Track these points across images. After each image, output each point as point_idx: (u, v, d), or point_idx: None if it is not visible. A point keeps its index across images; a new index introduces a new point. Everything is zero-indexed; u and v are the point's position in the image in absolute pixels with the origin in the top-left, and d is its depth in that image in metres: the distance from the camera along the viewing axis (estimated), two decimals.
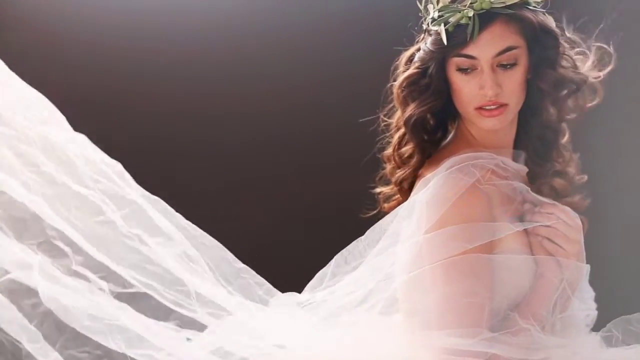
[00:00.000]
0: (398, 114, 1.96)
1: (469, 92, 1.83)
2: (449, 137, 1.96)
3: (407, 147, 1.97)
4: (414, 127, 1.91)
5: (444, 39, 1.81)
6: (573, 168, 2.02)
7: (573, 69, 1.88)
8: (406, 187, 1.98)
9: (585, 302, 1.92)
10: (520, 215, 1.85)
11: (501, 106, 1.82)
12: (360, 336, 1.87)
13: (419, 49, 1.89)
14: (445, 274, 1.76)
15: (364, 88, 2.11)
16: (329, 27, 2.96)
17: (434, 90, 1.87)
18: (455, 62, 1.83)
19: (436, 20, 1.83)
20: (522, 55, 1.82)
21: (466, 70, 1.83)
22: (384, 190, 2.06)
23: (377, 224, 1.90)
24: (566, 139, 1.99)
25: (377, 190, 2.07)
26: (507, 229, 1.80)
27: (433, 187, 1.81)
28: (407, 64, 1.92)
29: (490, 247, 1.78)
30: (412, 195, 1.87)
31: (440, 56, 1.84)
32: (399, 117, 1.96)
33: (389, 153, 2.02)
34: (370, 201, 2.09)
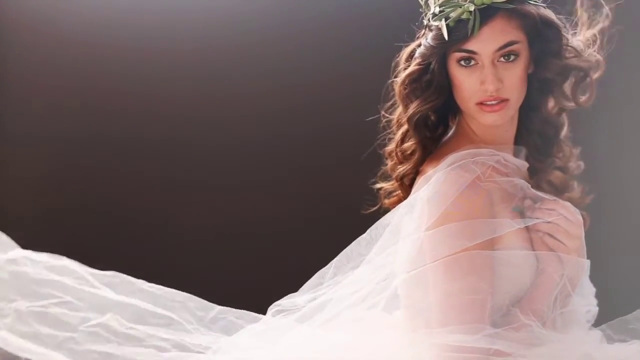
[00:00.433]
0: (399, 110, 1.96)
1: (470, 88, 1.82)
2: (450, 133, 1.96)
3: (409, 144, 1.96)
4: (417, 125, 1.91)
5: (445, 34, 1.81)
6: (574, 163, 2.02)
7: (577, 57, 1.88)
8: (407, 183, 1.97)
9: (585, 297, 1.92)
10: (521, 211, 1.84)
11: (502, 101, 1.82)
12: (363, 334, 1.87)
13: (420, 45, 1.89)
14: (447, 271, 1.76)
15: (365, 85, 2.11)
16: (329, 24, 2.96)
17: (437, 87, 1.87)
18: (456, 57, 1.83)
19: (437, 16, 1.83)
20: (523, 50, 1.82)
21: (467, 65, 1.82)
22: (384, 186, 2.06)
23: (378, 222, 1.89)
24: (564, 133, 1.99)
25: (378, 186, 2.07)
26: (508, 226, 1.80)
27: (434, 184, 1.81)
28: (408, 60, 1.92)
29: (491, 243, 1.78)
30: (413, 192, 1.87)
31: (441, 51, 1.84)
32: (400, 114, 1.96)
33: (390, 149, 2.01)
34: (371, 197, 2.09)
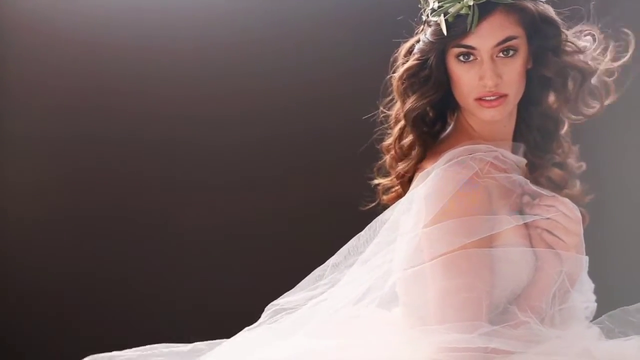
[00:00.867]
0: (397, 106, 1.96)
1: (469, 83, 1.82)
2: (448, 129, 1.95)
3: (408, 139, 1.96)
4: (415, 120, 1.90)
5: (444, 29, 1.80)
6: (573, 159, 2.02)
7: (578, 56, 1.87)
8: (407, 180, 1.97)
9: (584, 294, 1.91)
10: (519, 208, 1.84)
11: (501, 97, 1.82)
12: (360, 331, 1.86)
13: (419, 41, 1.89)
14: (445, 268, 1.76)
15: (364, 81, 2.11)
16: (327, 21, 2.96)
17: (435, 82, 1.86)
18: (455, 52, 1.82)
19: (436, 11, 1.83)
20: (521, 46, 1.82)
21: (466, 60, 1.82)
22: (382, 182, 2.05)
23: (376, 219, 1.89)
24: (565, 130, 1.99)
25: (376, 182, 2.07)
26: (507, 223, 1.80)
27: (432, 181, 1.80)
28: (407, 56, 1.92)
29: (489, 239, 1.78)
30: (411, 189, 1.87)
31: (440, 47, 1.84)
32: (398, 109, 1.96)
33: (388, 144, 2.01)
34: (370, 193, 2.09)
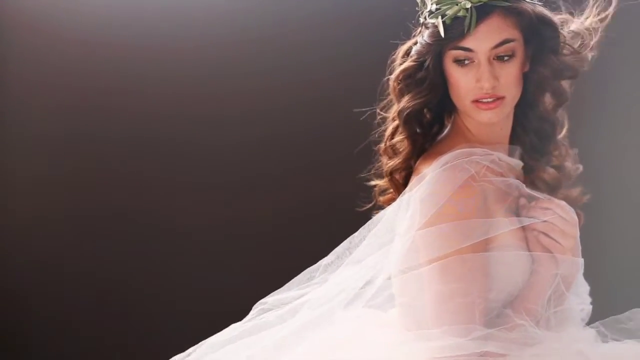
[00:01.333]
0: (394, 107, 1.96)
1: (466, 85, 1.82)
2: (445, 131, 1.95)
3: (399, 138, 1.96)
4: (407, 119, 1.90)
5: (442, 31, 1.80)
6: (570, 162, 2.02)
7: (574, 56, 1.88)
8: (398, 179, 1.97)
9: (580, 296, 1.91)
10: (516, 210, 1.84)
11: (498, 99, 1.82)
12: (356, 332, 1.87)
13: (416, 43, 1.89)
14: (440, 272, 1.76)
15: (362, 83, 2.11)
16: (325, 22, 2.96)
17: (430, 84, 1.86)
18: (453, 55, 1.83)
19: (433, 13, 1.83)
20: (518, 48, 1.82)
21: (463, 63, 1.82)
22: (379, 183, 2.05)
23: (370, 221, 1.89)
24: (564, 133, 1.99)
25: (373, 183, 2.06)
26: (503, 226, 1.80)
27: (428, 184, 1.80)
28: (404, 58, 1.92)
29: (486, 242, 1.78)
30: (407, 192, 1.87)
31: (437, 49, 1.84)
32: (394, 110, 1.96)
33: (382, 145, 2.01)
34: (367, 194, 2.09)
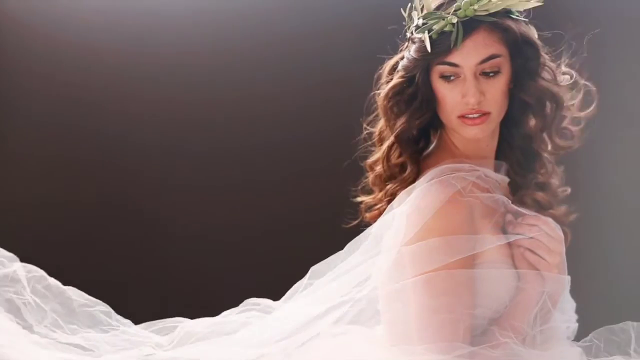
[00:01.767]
0: (381, 123, 1.95)
1: (452, 100, 1.82)
2: (431, 147, 1.94)
3: (399, 160, 1.94)
4: (405, 141, 1.89)
5: (428, 46, 1.80)
6: (556, 180, 2.01)
7: (554, 82, 1.87)
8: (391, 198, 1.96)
9: (565, 313, 1.90)
10: (502, 226, 1.84)
11: (484, 114, 1.81)
12: (341, 349, 1.86)
13: (403, 58, 1.88)
14: (426, 288, 1.75)
15: (351, 95, 2.11)
16: (312, 35, 2.96)
17: (422, 100, 1.86)
18: (439, 70, 1.82)
19: (420, 28, 1.83)
20: (504, 64, 1.81)
21: (449, 78, 1.82)
22: (365, 199, 2.04)
23: (357, 237, 1.89)
24: (550, 150, 1.99)
25: (359, 199, 2.05)
26: (489, 242, 1.79)
27: (414, 199, 1.80)
28: (391, 73, 1.91)
29: (472, 258, 1.77)
30: (392, 206, 1.86)
31: (424, 64, 1.83)
32: (382, 127, 1.95)
33: (372, 162, 2.00)
34: (352, 210, 2.08)
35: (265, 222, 3.03)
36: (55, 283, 2.01)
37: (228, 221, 3.05)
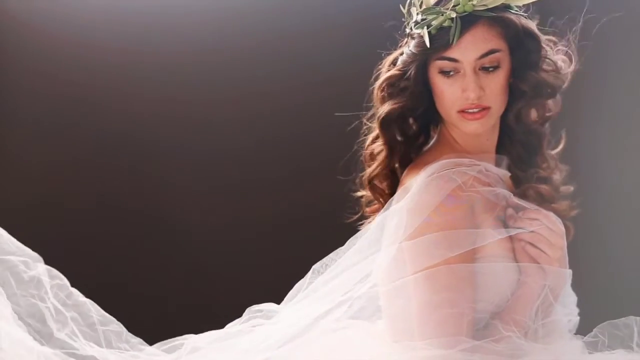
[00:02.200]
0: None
1: (452, 95, 1.82)
2: (431, 142, 1.95)
3: (377, 144, 1.95)
4: (385, 124, 1.89)
5: (427, 41, 1.80)
6: (558, 175, 2.01)
7: (555, 73, 1.87)
8: (381, 187, 1.95)
9: (567, 307, 1.90)
10: (503, 220, 1.83)
11: (484, 109, 1.81)
12: (342, 344, 1.86)
13: (402, 53, 1.89)
14: (427, 283, 1.75)
15: (351, 91, 2.11)
16: (312, 31, 2.97)
17: (411, 92, 1.86)
18: (438, 65, 1.82)
19: (419, 23, 1.83)
20: (504, 59, 1.82)
21: (449, 73, 1.82)
22: (366, 194, 2.04)
23: (357, 234, 1.89)
24: (558, 150, 1.99)
25: (359, 193, 2.06)
26: (490, 236, 1.79)
27: (414, 194, 1.80)
28: (390, 67, 1.91)
29: (473, 252, 1.77)
30: (394, 202, 1.86)
31: (422, 59, 1.83)
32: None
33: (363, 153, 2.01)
34: (354, 205, 2.08)
35: (266, 220, 3.03)
36: (76, 293, 2.02)
37: (229, 219, 3.05)
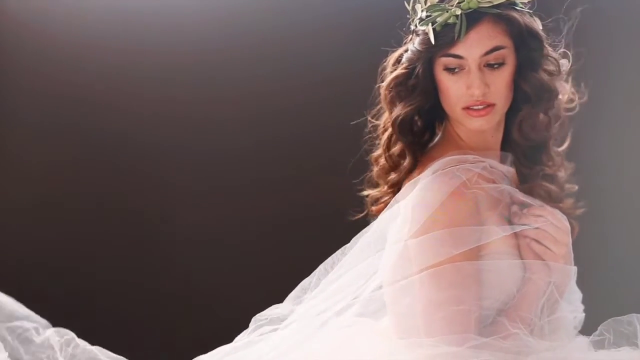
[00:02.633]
0: (386, 115, 1.95)
1: (457, 92, 1.82)
2: (436, 139, 1.95)
3: (397, 148, 1.95)
4: (401, 128, 1.90)
5: (432, 38, 1.80)
6: (563, 173, 2.01)
7: (556, 74, 1.87)
8: (396, 190, 1.95)
9: (572, 303, 1.91)
10: (508, 217, 1.83)
11: (488, 106, 1.81)
12: (348, 341, 1.85)
13: (407, 50, 1.88)
14: (433, 280, 1.75)
15: (354, 90, 2.11)
16: (315, 29, 2.96)
17: (421, 91, 1.86)
18: (443, 62, 1.82)
19: (424, 20, 1.83)
20: (509, 56, 1.82)
21: (454, 70, 1.82)
22: (371, 192, 2.04)
23: (363, 231, 1.89)
24: (563, 148, 1.99)
25: (365, 192, 2.06)
26: (495, 233, 1.79)
27: (419, 191, 1.80)
28: (395, 65, 1.91)
29: (478, 249, 1.77)
30: (397, 199, 1.86)
31: (427, 56, 1.83)
32: (386, 118, 1.95)
33: (377, 155, 2.00)
34: (359, 204, 2.08)
35: (266, 219, 3.03)
36: (83, 344, 2.07)
37: (229, 219, 3.04)
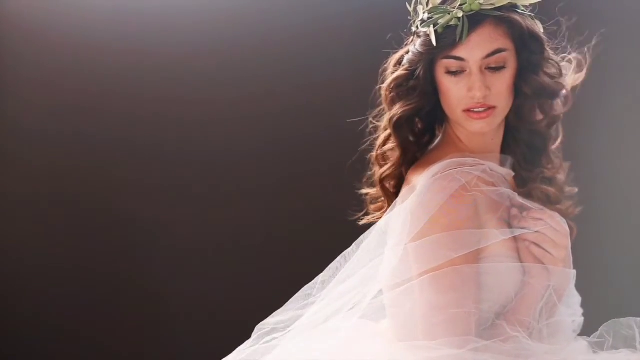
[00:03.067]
0: (386, 116, 1.95)
1: (458, 94, 1.82)
2: (436, 141, 1.95)
3: (390, 145, 1.95)
4: (397, 126, 1.89)
5: (433, 40, 1.80)
6: (562, 175, 2.01)
7: (557, 76, 1.87)
8: (389, 187, 1.96)
9: (571, 307, 1.90)
10: (507, 220, 1.83)
11: (489, 108, 1.81)
12: (348, 343, 1.85)
13: (408, 52, 1.88)
14: (433, 283, 1.75)
15: (354, 91, 2.11)
16: (317, 31, 2.97)
17: (421, 92, 1.86)
18: (444, 64, 1.82)
19: (425, 22, 1.83)
20: (510, 58, 1.81)
21: (455, 72, 1.82)
22: (370, 192, 2.04)
23: (363, 235, 1.88)
24: (557, 145, 1.99)
25: (364, 192, 2.06)
26: (495, 237, 1.79)
27: (418, 194, 1.79)
28: (396, 66, 1.91)
29: (477, 252, 1.77)
30: (399, 202, 1.86)
31: (429, 58, 1.83)
32: (386, 119, 1.96)
33: (374, 153, 2.00)
34: (358, 204, 2.08)
35: (266, 219, 3.03)
36: None
37: (229, 220, 3.05)
